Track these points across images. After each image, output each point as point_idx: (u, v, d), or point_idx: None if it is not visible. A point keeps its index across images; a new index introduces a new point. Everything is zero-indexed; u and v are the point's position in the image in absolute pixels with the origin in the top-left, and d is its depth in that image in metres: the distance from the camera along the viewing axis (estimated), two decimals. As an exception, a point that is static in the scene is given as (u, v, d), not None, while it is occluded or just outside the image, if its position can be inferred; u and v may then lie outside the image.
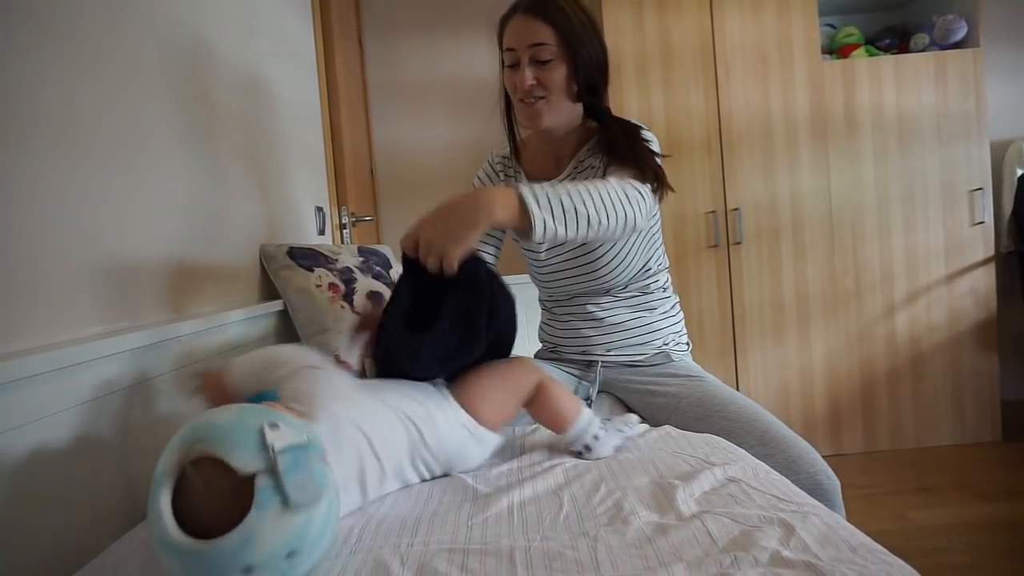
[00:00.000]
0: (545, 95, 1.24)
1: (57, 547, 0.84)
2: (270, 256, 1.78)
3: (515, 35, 1.23)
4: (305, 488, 0.61)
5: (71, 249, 0.97)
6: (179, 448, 0.63)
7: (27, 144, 0.89)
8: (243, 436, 0.62)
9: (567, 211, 1.00)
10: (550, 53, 1.21)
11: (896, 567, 0.62)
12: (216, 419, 0.65)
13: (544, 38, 1.20)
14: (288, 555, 0.60)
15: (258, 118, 1.88)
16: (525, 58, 1.22)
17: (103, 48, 1.10)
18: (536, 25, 1.20)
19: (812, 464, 1.11)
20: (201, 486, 0.60)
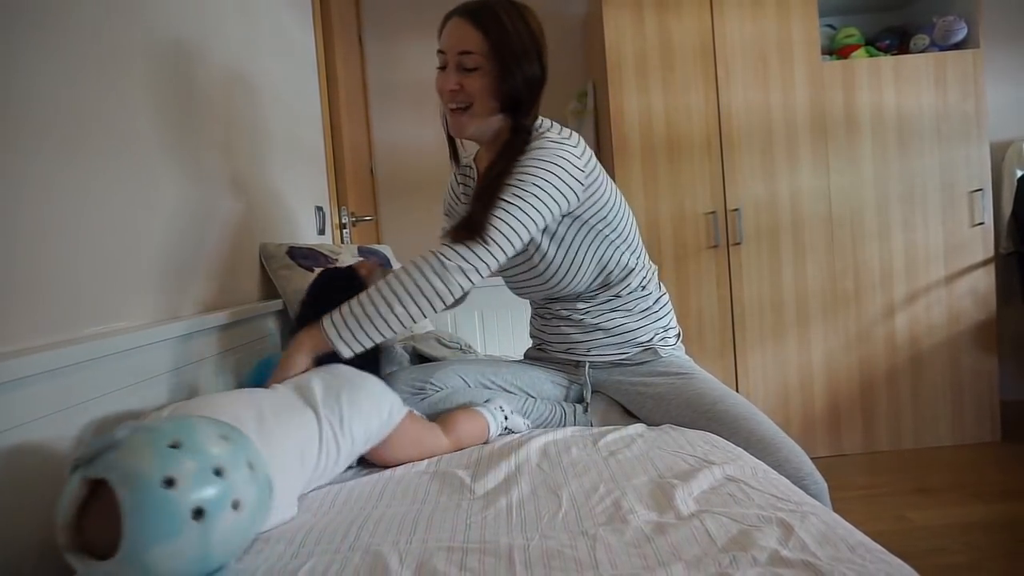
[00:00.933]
0: (468, 104, 1.23)
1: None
2: (270, 255, 1.78)
3: (448, 37, 1.23)
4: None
5: (71, 249, 0.97)
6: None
7: (27, 144, 0.89)
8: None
9: (366, 328, 1.09)
10: (474, 62, 1.19)
11: (895, 567, 0.62)
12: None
13: (472, 46, 1.19)
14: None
15: (258, 118, 1.88)
16: (453, 63, 1.21)
17: (102, 49, 1.10)
18: (469, 31, 1.19)
19: (799, 468, 1.10)
20: None
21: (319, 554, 0.74)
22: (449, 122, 1.28)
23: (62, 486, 0.67)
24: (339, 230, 2.68)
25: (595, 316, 1.36)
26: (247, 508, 0.69)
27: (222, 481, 0.67)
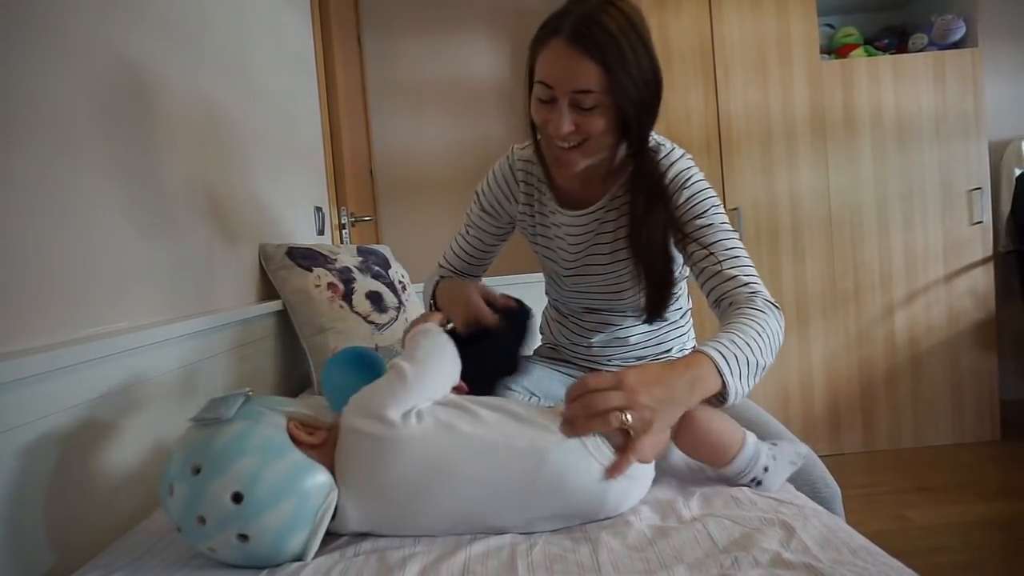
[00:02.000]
0: (583, 140, 1.03)
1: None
2: (269, 256, 1.78)
3: (554, 72, 0.98)
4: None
5: (70, 249, 0.97)
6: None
7: (24, 144, 0.89)
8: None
9: (752, 373, 0.90)
10: (594, 101, 0.98)
11: (896, 570, 0.62)
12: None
13: (590, 84, 0.96)
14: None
15: (257, 118, 1.87)
16: (564, 100, 0.99)
17: (99, 49, 1.10)
18: (582, 64, 0.95)
19: (811, 471, 1.08)
20: None
21: (322, 555, 0.74)
22: (554, 158, 1.08)
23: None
24: (338, 230, 2.68)
25: (629, 329, 1.32)
26: (222, 554, 0.73)
27: (202, 529, 0.71)
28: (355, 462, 0.77)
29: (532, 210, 1.29)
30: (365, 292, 1.86)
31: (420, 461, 0.76)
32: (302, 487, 0.73)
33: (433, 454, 0.76)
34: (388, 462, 0.76)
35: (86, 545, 0.88)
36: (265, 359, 1.70)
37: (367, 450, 0.77)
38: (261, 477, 0.71)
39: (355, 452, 0.78)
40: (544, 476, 0.75)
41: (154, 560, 0.77)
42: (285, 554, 0.73)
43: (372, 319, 1.83)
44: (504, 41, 3.33)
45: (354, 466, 0.77)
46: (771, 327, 0.95)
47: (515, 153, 1.30)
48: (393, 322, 1.88)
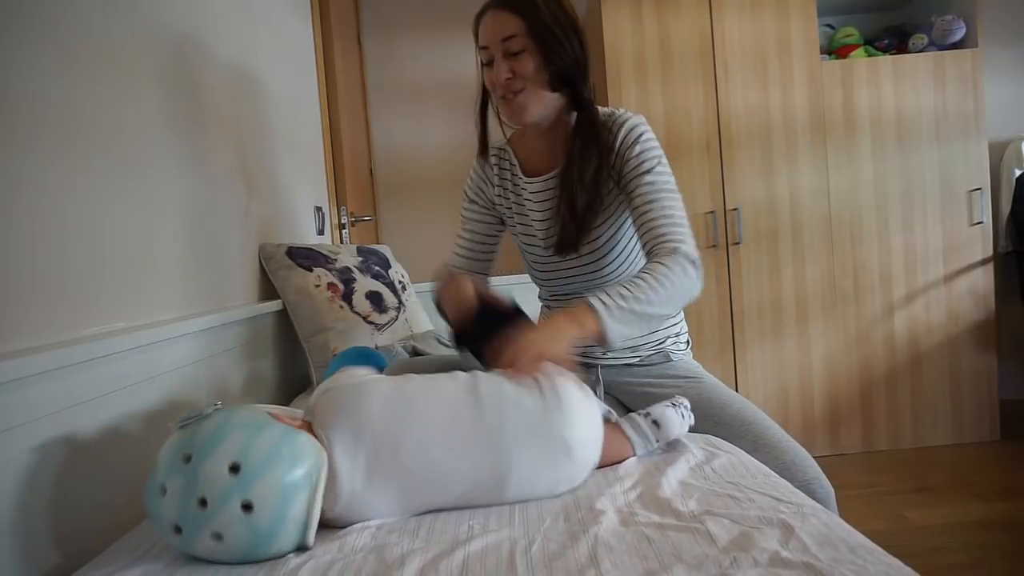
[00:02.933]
0: (523, 87, 1.21)
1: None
2: (269, 256, 1.78)
3: (487, 31, 1.22)
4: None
5: (70, 250, 0.97)
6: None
7: (30, 146, 0.89)
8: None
9: (637, 319, 1.07)
10: (519, 44, 1.19)
11: (895, 568, 0.62)
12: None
13: (513, 29, 1.18)
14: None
15: (257, 118, 1.88)
16: (499, 53, 1.20)
17: (100, 49, 1.10)
18: (505, 17, 1.19)
19: (806, 471, 1.10)
20: None
21: (321, 554, 0.74)
22: (507, 110, 1.25)
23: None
24: (338, 230, 2.68)
25: None
26: (228, 538, 0.73)
27: (204, 512, 0.72)
28: (332, 411, 0.85)
29: (506, 191, 1.39)
30: (365, 292, 1.87)
31: (388, 401, 0.87)
32: (294, 447, 0.77)
33: (397, 395, 0.88)
34: (361, 402, 0.86)
35: (90, 543, 0.89)
36: (265, 359, 1.70)
37: (342, 397, 0.88)
38: (253, 444, 0.74)
39: (331, 404, 0.86)
40: (486, 395, 0.88)
41: (155, 559, 0.77)
42: (290, 522, 0.74)
43: (372, 319, 1.83)
44: (504, 41, 3.33)
45: (331, 415, 0.84)
46: (672, 280, 1.10)
47: (492, 146, 1.43)
48: (393, 322, 1.88)
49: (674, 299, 1.10)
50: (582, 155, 1.24)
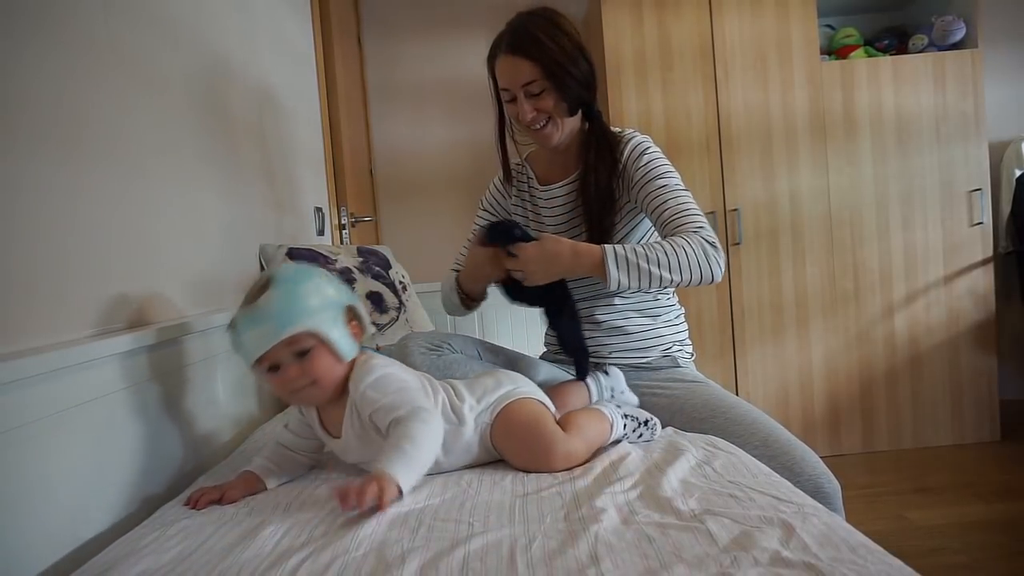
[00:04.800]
0: (547, 119, 1.32)
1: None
2: (269, 257, 1.78)
3: (505, 76, 1.31)
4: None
5: (71, 250, 0.97)
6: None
7: (26, 146, 0.89)
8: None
9: (640, 276, 1.18)
10: (539, 86, 1.28)
11: (895, 568, 0.62)
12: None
13: (530, 75, 1.27)
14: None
15: (257, 118, 1.88)
16: (520, 95, 1.30)
17: (100, 51, 1.10)
18: (521, 64, 1.27)
19: (814, 467, 1.12)
20: None
21: (320, 552, 0.74)
22: (536, 139, 1.37)
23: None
24: (338, 231, 2.68)
25: (620, 318, 1.41)
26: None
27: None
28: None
29: (523, 201, 1.51)
30: (366, 292, 1.87)
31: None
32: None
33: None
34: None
35: (88, 543, 0.89)
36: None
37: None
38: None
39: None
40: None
41: (157, 556, 0.77)
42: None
43: (372, 320, 1.83)
44: (504, 42, 3.33)
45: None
46: (688, 252, 1.18)
47: (512, 166, 1.52)
48: (393, 322, 1.88)
49: (684, 268, 1.17)
50: (597, 163, 1.35)
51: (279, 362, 0.94)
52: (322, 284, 0.97)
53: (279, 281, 0.94)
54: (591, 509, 0.81)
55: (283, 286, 0.93)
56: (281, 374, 0.94)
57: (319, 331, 0.93)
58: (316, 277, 0.97)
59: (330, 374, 0.96)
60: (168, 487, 1.10)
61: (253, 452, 1.16)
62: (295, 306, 0.92)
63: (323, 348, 0.95)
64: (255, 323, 0.92)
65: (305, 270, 0.99)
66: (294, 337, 0.92)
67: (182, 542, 0.81)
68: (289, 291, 0.93)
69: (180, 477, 1.15)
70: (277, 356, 0.93)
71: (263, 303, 0.92)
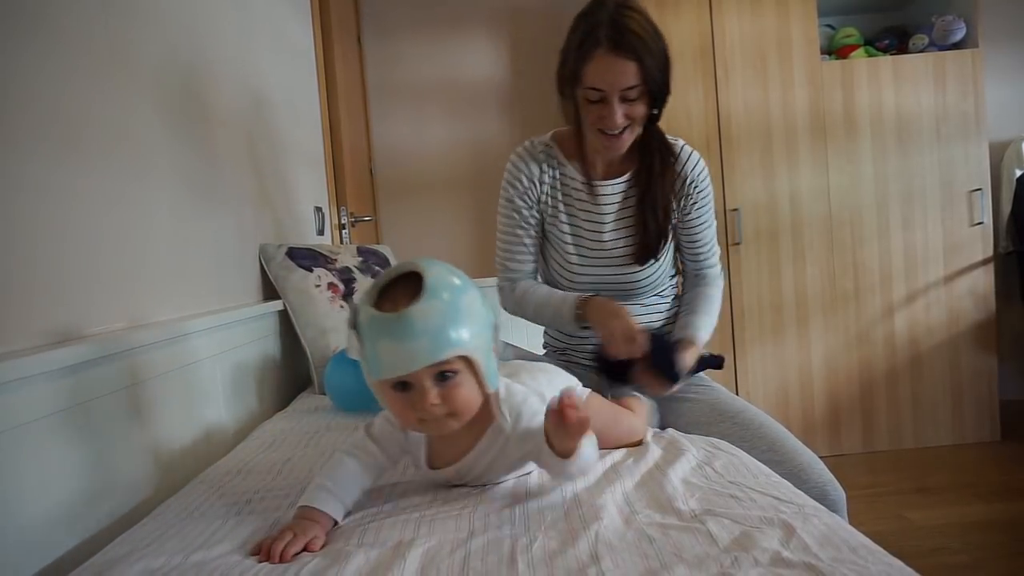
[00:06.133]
0: (628, 126, 1.24)
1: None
2: (269, 256, 1.78)
3: (605, 76, 1.18)
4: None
5: (70, 250, 0.97)
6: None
7: (25, 146, 0.89)
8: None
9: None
10: (637, 92, 1.19)
11: (896, 568, 0.62)
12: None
13: (633, 79, 1.17)
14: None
15: (257, 118, 1.88)
16: (615, 98, 1.19)
17: (99, 51, 1.10)
18: (626, 66, 1.16)
19: (820, 475, 1.13)
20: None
21: (321, 553, 0.74)
22: (603, 143, 1.27)
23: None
24: (338, 230, 2.68)
25: (639, 317, 1.41)
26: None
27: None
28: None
29: (555, 190, 1.40)
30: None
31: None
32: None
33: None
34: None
35: (86, 543, 0.89)
36: (265, 359, 1.70)
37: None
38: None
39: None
40: None
41: (156, 556, 0.77)
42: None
43: (372, 319, 1.83)
44: (503, 41, 3.33)
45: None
46: (719, 300, 1.42)
47: (535, 141, 1.42)
48: (393, 322, 1.88)
49: (718, 311, 1.41)
50: (663, 173, 1.32)
51: (414, 382, 0.78)
52: (477, 298, 0.82)
53: (435, 290, 0.76)
54: (592, 508, 0.81)
55: (441, 298, 0.76)
56: (413, 396, 0.79)
57: (473, 356, 0.79)
58: (471, 288, 0.82)
59: (471, 405, 0.82)
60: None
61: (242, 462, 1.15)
62: (453, 325, 0.76)
63: (470, 375, 0.81)
64: (401, 337, 0.75)
65: (461, 279, 0.82)
66: (444, 360, 0.77)
67: (173, 548, 0.80)
68: (448, 306, 0.77)
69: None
70: (415, 376, 0.77)
71: (415, 316, 0.75)
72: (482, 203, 3.28)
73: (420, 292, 0.76)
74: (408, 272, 0.80)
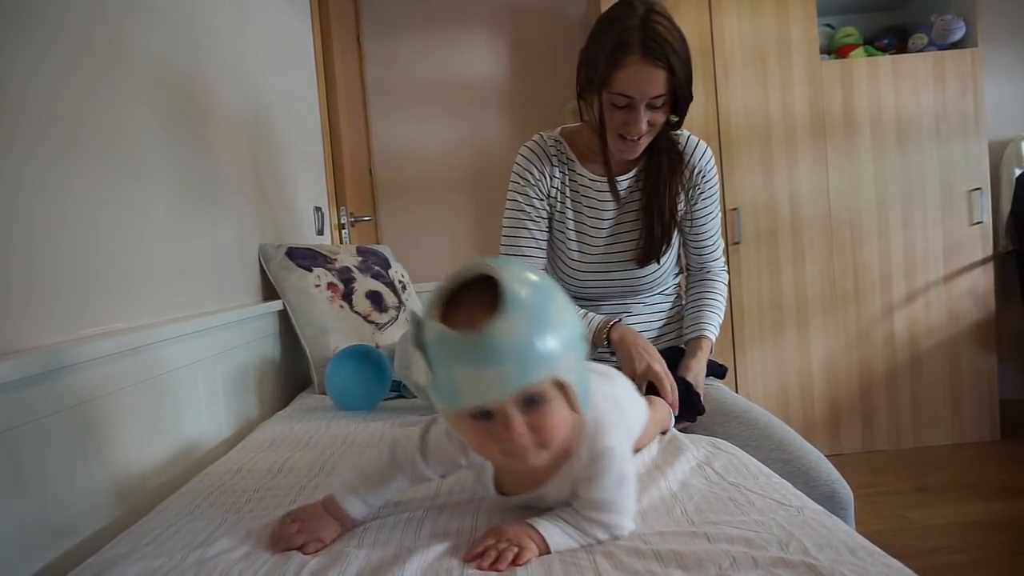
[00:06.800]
0: (647, 132, 1.25)
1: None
2: (269, 256, 1.78)
3: (635, 84, 1.18)
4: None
5: (70, 251, 0.97)
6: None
7: (23, 146, 0.89)
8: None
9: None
10: (662, 100, 1.21)
11: (895, 570, 0.62)
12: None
13: (662, 88, 1.18)
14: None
15: (256, 118, 1.88)
16: (642, 105, 1.20)
17: (98, 51, 1.10)
18: (657, 75, 1.17)
19: (829, 474, 1.12)
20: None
21: (322, 553, 0.74)
22: (621, 148, 1.27)
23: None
24: (338, 230, 2.68)
25: (632, 315, 1.42)
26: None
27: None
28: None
29: (564, 184, 1.39)
30: (365, 292, 1.86)
31: None
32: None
33: None
34: None
35: (84, 543, 0.88)
36: (265, 359, 1.70)
37: None
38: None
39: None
40: None
41: (154, 556, 0.77)
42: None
43: (372, 319, 1.83)
44: (503, 41, 3.33)
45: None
46: (726, 296, 1.44)
47: (546, 136, 1.41)
48: (393, 321, 1.88)
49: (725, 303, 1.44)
50: (671, 174, 1.33)
51: (496, 410, 0.65)
52: (564, 305, 0.68)
53: (518, 298, 0.63)
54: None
55: (526, 308, 0.63)
56: (495, 426, 0.66)
57: (565, 378, 0.66)
58: (557, 293, 0.68)
59: (562, 434, 0.70)
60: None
61: (241, 462, 1.15)
62: (542, 340, 0.63)
63: (561, 398, 0.67)
64: (483, 361, 0.62)
65: (542, 278, 0.69)
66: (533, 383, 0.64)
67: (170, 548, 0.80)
68: (535, 317, 0.63)
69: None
70: (499, 404, 0.65)
71: (498, 335, 0.61)
72: (482, 203, 3.28)
73: (500, 302, 0.62)
74: (478, 276, 0.66)
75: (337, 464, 1.09)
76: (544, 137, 1.40)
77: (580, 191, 1.38)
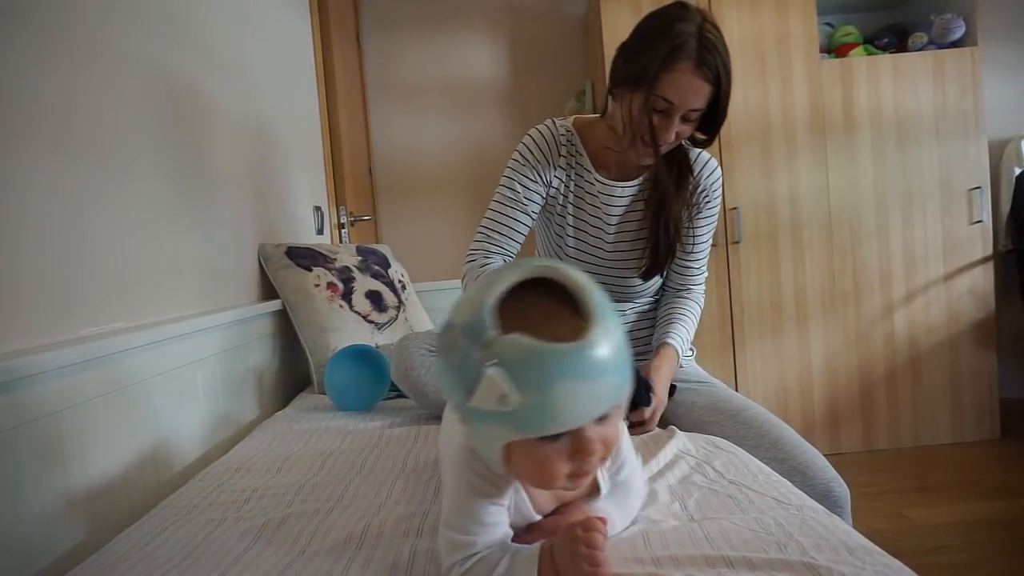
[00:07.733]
0: (674, 142, 1.24)
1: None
2: (269, 256, 1.78)
3: (680, 92, 1.15)
4: None
5: (70, 250, 0.97)
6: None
7: (24, 147, 0.89)
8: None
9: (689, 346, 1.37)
10: (698, 114, 1.19)
11: (894, 569, 0.62)
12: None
13: (703, 103, 1.16)
14: None
15: (255, 118, 1.87)
16: (679, 114, 1.17)
17: (97, 51, 1.10)
18: (704, 88, 1.15)
19: (825, 471, 1.12)
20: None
21: (323, 553, 0.74)
22: (644, 153, 1.24)
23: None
24: (338, 230, 2.68)
25: (627, 317, 1.42)
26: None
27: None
28: None
29: (569, 178, 1.36)
30: (365, 291, 1.86)
31: None
32: None
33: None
34: None
35: (83, 544, 0.88)
36: (265, 359, 1.70)
37: None
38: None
39: None
40: None
41: (145, 560, 0.77)
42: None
43: (372, 318, 1.83)
44: (503, 40, 3.33)
45: None
46: (699, 315, 1.40)
47: (558, 125, 1.37)
48: (393, 321, 1.88)
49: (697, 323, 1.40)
50: (678, 188, 1.30)
51: (576, 429, 0.58)
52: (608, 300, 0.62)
53: (600, 304, 0.58)
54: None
55: (607, 312, 0.58)
56: (572, 445, 0.59)
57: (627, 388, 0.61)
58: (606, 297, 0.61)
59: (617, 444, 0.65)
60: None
61: (241, 460, 1.15)
62: (625, 350, 0.58)
63: (619, 410, 0.62)
64: (590, 374, 0.54)
65: (599, 287, 0.61)
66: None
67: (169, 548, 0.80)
68: (616, 322, 0.58)
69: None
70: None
71: (601, 343, 0.55)
72: (482, 203, 3.25)
73: (583, 308, 0.57)
74: (534, 280, 0.59)
75: (337, 464, 1.09)
76: (556, 125, 1.36)
77: (585, 197, 1.36)
